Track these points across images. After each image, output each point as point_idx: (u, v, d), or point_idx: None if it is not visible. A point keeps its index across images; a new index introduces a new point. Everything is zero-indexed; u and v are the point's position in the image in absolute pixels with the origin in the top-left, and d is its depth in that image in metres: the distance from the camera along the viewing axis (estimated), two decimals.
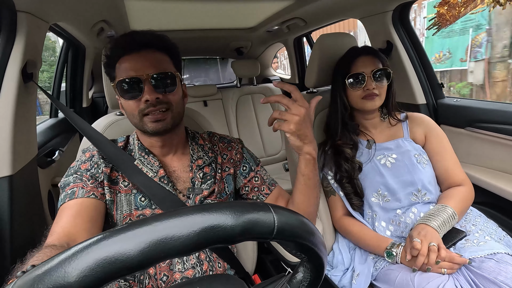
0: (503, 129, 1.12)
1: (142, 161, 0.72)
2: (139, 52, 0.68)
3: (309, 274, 0.38)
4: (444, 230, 0.84)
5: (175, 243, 0.24)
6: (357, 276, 0.90)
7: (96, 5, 1.21)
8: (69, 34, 1.53)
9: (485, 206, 1.12)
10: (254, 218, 0.28)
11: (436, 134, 1.02)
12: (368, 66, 0.97)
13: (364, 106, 1.00)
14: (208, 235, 0.25)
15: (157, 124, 0.67)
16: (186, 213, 0.26)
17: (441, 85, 1.42)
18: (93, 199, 0.66)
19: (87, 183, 0.67)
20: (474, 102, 1.30)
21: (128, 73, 0.66)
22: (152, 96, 0.65)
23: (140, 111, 0.67)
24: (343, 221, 1.02)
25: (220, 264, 0.76)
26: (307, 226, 0.33)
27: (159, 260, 0.24)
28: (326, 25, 1.96)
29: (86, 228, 0.61)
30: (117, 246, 0.23)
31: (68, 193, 0.65)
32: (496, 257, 0.76)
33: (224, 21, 1.87)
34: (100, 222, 0.66)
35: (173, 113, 0.69)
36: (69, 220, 0.61)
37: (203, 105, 2.31)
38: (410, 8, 1.39)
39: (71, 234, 0.59)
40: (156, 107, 0.66)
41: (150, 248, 0.24)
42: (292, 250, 0.34)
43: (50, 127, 1.59)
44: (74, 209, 0.63)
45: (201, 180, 0.75)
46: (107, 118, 0.95)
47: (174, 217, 0.26)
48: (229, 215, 0.27)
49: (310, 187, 0.71)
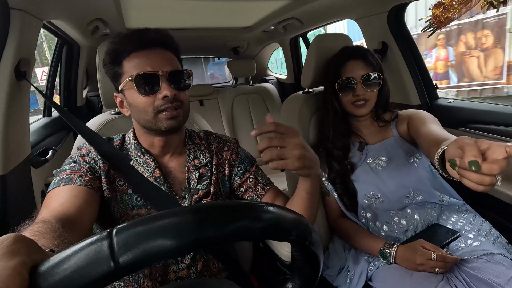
0: (495, 130, 1.13)
1: (138, 161, 0.72)
2: (152, 49, 0.68)
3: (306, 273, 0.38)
4: None
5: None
6: (351, 276, 0.91)
7: (91, 3, 1.20)
8: (63, 32, 1.52)
9: (480, 207, 1.13)
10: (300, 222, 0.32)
11: (418, 117, 0.95)
12: (358, 71, 0.96)
13: (353, 112, 1.00)
14: (272, 227, 0.29)
15: (171, 121, 0.67)
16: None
17: (435, 86, 1.44)
18: (90, 189, 0.64)
19: (86, 173, 0.65)
20: (467, 103, 1.31)
21: (144, 68, 0.66)
22: (171, 92, 0.65)
23: (156, 107, 0.66)
24: (338, 222, 1.02)
25: (215, 265, 0.76)
26: (305, 225, 0.34)
27: None
28: (322, 25, 1.96)
29: (85, 213, 0.59)
30: None
31: (64, 178, 0.63)
32: (490, 257, 0.76)
33: (221, 20, 1.86)
34: (95, 212, 0.65)
35: (184, 112, 0.70)
36: (67, 201, 0.58)
37: (199, 104, 2.31)
38: (405, 10, 1.39)
39: (69, 215, 0.56)
40: (173, 104, 0.66)
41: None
42: (296, 252, 0.35)
43: (44, 126, 1.57)
44: (72, 192, 0.60)
45: (197, 181, 0.75)
46: (102, 117, 0.95)
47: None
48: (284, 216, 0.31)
49: (314, 202, 0.70)
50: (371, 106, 0.99)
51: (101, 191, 0.68)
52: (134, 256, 0.24)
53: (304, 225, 0.32)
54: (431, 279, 0.75)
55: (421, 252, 0.78)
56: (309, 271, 0.38)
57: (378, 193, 0.97)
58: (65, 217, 0.54)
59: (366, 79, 0.95)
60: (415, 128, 0.93)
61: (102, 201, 0.68)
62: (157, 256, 0.25)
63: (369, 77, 0.95)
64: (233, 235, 0.27)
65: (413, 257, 0.79)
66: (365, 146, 1.03)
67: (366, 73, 0.95)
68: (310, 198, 0.68)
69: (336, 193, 1.01)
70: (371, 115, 1.05)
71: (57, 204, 0.57)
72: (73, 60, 1.89)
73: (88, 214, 0.60)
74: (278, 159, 0.55)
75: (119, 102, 0.74)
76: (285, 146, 0.55)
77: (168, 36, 0.71)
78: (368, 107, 0.98)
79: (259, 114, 2.41)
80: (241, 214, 0.28)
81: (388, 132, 1.04)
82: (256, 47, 2.63)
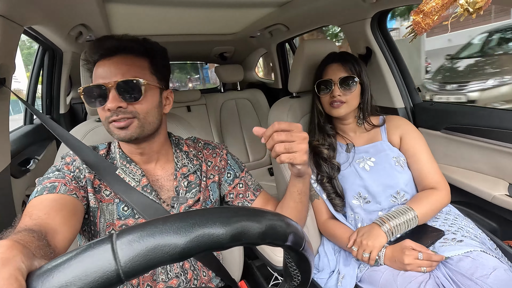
0: (476, 130, 1.18)
1: (124, 170, 0.70)
2: (112, 58, 0.66)
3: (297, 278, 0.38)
4: (398, 231, 0.87)
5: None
6: (342, 279, 0.91)
7: (75, 9, 1.18)
8: (45, 38, 1.48)
9: (462, 205, 1.17)
10: (273, 224, 0.30)
11: (412, 136, 1.04)
12: (337, 73, 1.00)
13: (330, 112, 1.03)
14: (238, 234, 0.27)
15: (121, 132, 0.65)
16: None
17: (417, 89, 1.48)
18: (74, 198, 0.62)
19: (70, 182, 0.63)
20: (448, 106, 1.36)
21: (96, 80, 0.65)
22: (113, 104, 0.63)
23: (106, 118, 0.66)
24: (327, 224, 1.03)
25: (205, 273, 0.75)
26: (295, 229, 0.34)
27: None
28: (308, 31, 2.00)
29: (69, 224, 0.56)
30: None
31: (48, 186, 0.60)
32: (473, 254, 0.79)
33: (207, 26, 1.87)
34: (80, 222, 0.62)
35: (140, 122, 0.66)
36: (51, 210, 0.56)
37: (187, 110, 2.29)
38: (387, 16, 1.44)
39: (53, 225, 0.53)
40: (119, 116, 0.64)
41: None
42: (288, 258, 0.35)
43: (25, 135, 1.51)
44: (56, 202, 0.58)
45: (185, 189, 0.74)
46: (86, 125, 0.92)
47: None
48: (253, 219, 0.29)
49: (305, 202, 0.71)
50: (349, 108, 1.01)
51: (86, 201, 0.66)
52: (138, 260, 0.23)
53: (297, 231, 0.32)
54: (418, 278, 0.77)
55: (409, 252, 0.80)
56: (300, 276, 0.38)
57: (365, 193, 0.98)
58: (49, 226, 0.52)
59: (343, 81, 0.99)
60: (409, 151, 1.02)
61: (87, 211, 0.66)
62: (161, 260, 0.24)
63: (346, 79, 0.99)
64: (235, 240, 0.27)
65: (401, 257, 0.81)
66: (353, 148, 1.05)
67: (344, 76, 0.99)
68: (302, 199, 0.69)
69: (325, 194, 1.02)
70: (355, 119, 1.07)
71: (41, 213, 0.55)
72: (55, 66, 1.84)
73: (72, 225, 0.58)
74: (286, 152, 0.56)
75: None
76: (294, 140, 0.57)
77: (135, 41, 0.68)
78: (345, 109, 1.01)
79: (247, 119, 2.42)
80: (247, 218, 0.29)
81: (376, 135, 1.07)
82: (243, 52, 2.64)
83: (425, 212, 0.91)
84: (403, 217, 0.88)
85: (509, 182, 1.11)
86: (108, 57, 0.66)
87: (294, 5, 1.44)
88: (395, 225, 0.87)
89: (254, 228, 0.28)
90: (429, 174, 0.98)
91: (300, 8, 1.45)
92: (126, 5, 1.28)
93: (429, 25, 0.72)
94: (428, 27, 0.74)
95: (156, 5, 1.33)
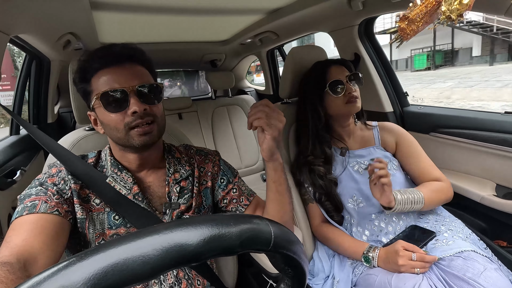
0: (463, 133, 1.21)
1: (114, 178, 0.69)
2: (120, 65, 0.66)
3: (292, 284, 0.38)
4: (404, 205, 0.90)
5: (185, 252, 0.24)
6: (337, 283, 0.91)
7: (62, 17, 1.16)
8: (32, 47, 1.46)
9: (452, 206, 1.19)
10: (253, 229, 0.28)
11: (407, 140, 1.08)
12: (341, 73, 1.02)
13: (349, 110, 1.03)
14: (209, 245, 0.25)
15: (144, 138, 0.65)
16: (166, 229, 0.25)
17: (405, 93, 1.52)
18: (56, 215, 0.60)
19: (52, 198, 0.61)
20: (436, 109, 1.39)
21: (111, 85, 0.64)
22: (140, 107, 0.63)
23: (127, 124, 0.64)
24: (321, 228, 1.03)
25: (199, 282, 0.73)
26: (294, 237, 0.33)
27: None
28: (297, 38, 2.03)
29: (51, 247, 0.55)
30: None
31: (28, 205, 0.59)
32: (464, 255, 0.80)
33: (197, 34, 1.88)
34: (64, 241, 0.60)
35: (158, 126, 0.68)
36: (30, 235, 0.54)
37: (178, 118, 2.28)
38: (374, 23, 1.48)
39: (32, 252, 0.52)
40: (144, 119, 0.64)
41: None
42: (277, 261, 0.34)
43: (11, 145, 1.48)
44: (36, 224, 0.56)
45: (178, 195, 0.73)
46: (75, 134, 0.91)
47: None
48: (231, 227, 0.27)
49: (282, 193, 0.72)
50: (360, 102, 1.04)
51: (71, 214, 0.64)
52: (112, 278, 0.22)
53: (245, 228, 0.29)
54: (411, 280, 0.77)
55: (402, 253, 0.81)
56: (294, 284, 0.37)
57: (359, 196, 0.99)
58: (27, 254, 0.51)
59: (351, 78, 1.02)
60: (408, 153, 1.07)
61: (74, 224, 0.64)
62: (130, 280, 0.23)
63: (354, 75, 1.02)
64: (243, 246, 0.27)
65: (395, 259, 0.81)
66: (347, 151, 1.06)
67: (350, 73, 1.02)
68: (278, 187, 0.71)
69: (323, 209, 1.03)
70: (353, 118, 1.10)
71: (19, 239, 0.53)
72: (42, 75, 1.81)
73: (53, 248, 0.56)
74: (264, 124, 0.64)
75: (93, 120, 0.72)
76: (275, 117, 0.64)
77: (136, 50, 0.69)
78: (359, 103, 1.03)
79: (239, 125, 2.42)
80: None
81: (370, 140, 1.09)
82: (234, 59, 2.66)
83: (430, 197, 0.94)
84: (411, 195, 0.91)
85: (496, 182, 1.14)
86: (116, 65, 0.65)
87: (283, 13, 1.47)
88: (402, 198, 0.89)
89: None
90: (431, 169, 1.03)
91: (289, 15, 1.47)
92: (115, 12, 1.28)
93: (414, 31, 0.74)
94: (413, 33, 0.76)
95: (145, 12, 1.33)
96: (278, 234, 0.30)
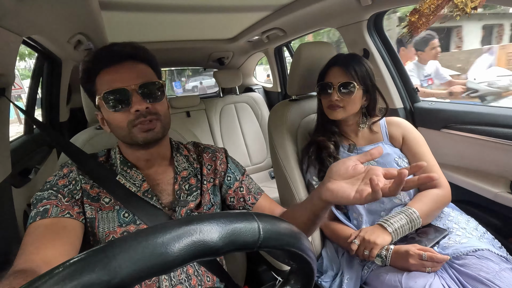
0: (476, 129, 1.18)
1: (124, 176, 0.70)
2: (121, 64, 0.66)
3: (299, 281, 0.38)
4: (401, 233, 0.87)
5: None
6: (346, 281, 0.91)
7: (72, 18, 1.18)
8: (44, 48, 1.49)
9: (465, 204, 1.16)
10: (238, 228, 0.27)
11: (413, 137, 1.05)
12: (337, 77, 0.99)
13: (328, 114, 1.04)
14: (190, 249, 0.25)
15: (147, 134, 0.66)
16: (160, 230, 0.26)
17: (415, 89, 1.49)
18: (68, 218, 0.61)
19: (62, 201, 0.63)
20: (447, 105, 1.36)
21: (113, 84, 0.64)
22: (142, 105, 0.64)
23: (129, 122, 0.65)
24: (330, 226, 1.03)
25: (209, 278, 0.74)
26: (293, 232, 0.33)
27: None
28: (305, 34, 2.01)
29: (65, 253, 0.56)
30: None
31: (40, 210, 0.60)
32: (478, 253, 0.78)
33: (205, 32, 1.88)
34: (78, 243, 0.62)
35: (162, 123, 0.69)
36: (43, 241, 0.56)
37: (186, 115, 2.30)
38: (383, 17, 1.45)
39: (46, 259, 0.54)
40: (147, 118, 0.65)
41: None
42: (280, 258, 0.34)
43: (25, 144, 1.51)
44: (48, 229, 0.58)
45: (186, 192, 0.74)
46: (86, 133, 0.92)
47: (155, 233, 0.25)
48: (213, 226, 0.27)
49: (318, 224, 0.69)
50: (345, 113, 1.01)
51: (83, 215, 0.65)
52: (134, 268, 0.23)
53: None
54: (422, 278, 0.76)
55: (413, 252, 0.80)
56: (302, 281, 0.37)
57: None
58: (42, 261, 0.53)
59: (342, 86, 0.98)
60: (411, 151, 1.03)
61: (86, 225, 0.66)
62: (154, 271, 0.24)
63: (346, 85, 0.98)
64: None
65: (406, 257, 0.80)
66: (355, 148, 1.05)
67: (344, 81, 0.98)
68: (318, 222, 0.67)
69: None
70: (357, 121, 1.07)
71: (33, 246, 0.56)
72: (54, 75, 1.85)
73: (67, 248, 0.58)
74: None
75: (100, 119, 0.73)
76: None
77: (138, 48, 0.69)
78: (341, 114, 1.01)
79: (247, 123, 2.42)
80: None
81: (378, 136, 1.07)
82: (241, 57, 2.66)
83: (427, 211, 0.91)
84: (407, 218, 0.88)
85: (511, 179, 1.11)
86: (117, 64, 0.66)
87: (290, 9, 1.46)
88: (399, 226, 0.86)
89: None
90: (433, 172, 0.99)
91: (296, 12, 1.46)
92: (124, 12, 1.29)
93: (425, 25, 0.73)
94: (424, 27, 0.74)
95: (152, 11, 1.34)
96: (268, 230, 0.29)
